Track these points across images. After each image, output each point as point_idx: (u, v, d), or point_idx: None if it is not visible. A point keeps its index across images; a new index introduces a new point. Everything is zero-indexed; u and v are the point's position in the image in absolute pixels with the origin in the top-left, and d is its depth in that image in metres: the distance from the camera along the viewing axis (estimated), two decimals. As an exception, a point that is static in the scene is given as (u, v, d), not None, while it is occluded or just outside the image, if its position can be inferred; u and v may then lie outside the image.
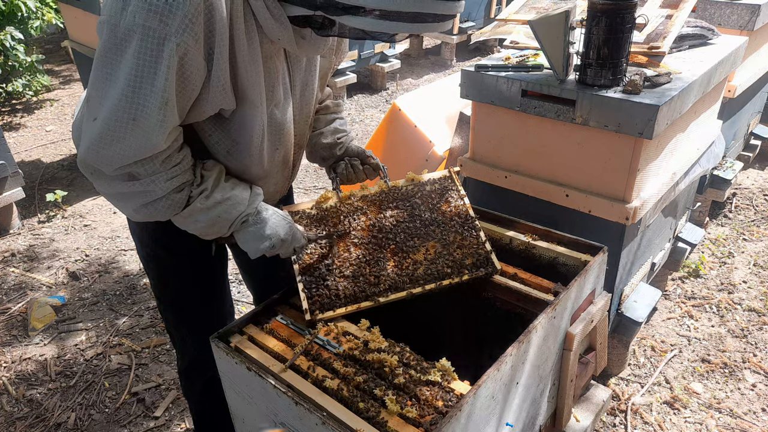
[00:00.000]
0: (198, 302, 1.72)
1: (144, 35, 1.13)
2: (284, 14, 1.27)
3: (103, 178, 1.30)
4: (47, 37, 8.00)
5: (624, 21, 1.86)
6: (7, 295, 3.34)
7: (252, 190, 1.48)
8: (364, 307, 1.55)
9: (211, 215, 1.39)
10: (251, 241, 1.47)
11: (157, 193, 1.31)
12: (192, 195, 1.36)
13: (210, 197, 1.38)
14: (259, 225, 1.46)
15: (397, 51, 6.39)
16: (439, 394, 1.27)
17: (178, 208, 1.36)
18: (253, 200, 1.46)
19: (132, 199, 1.33)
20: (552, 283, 1.64)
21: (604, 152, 2.02)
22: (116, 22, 1.14)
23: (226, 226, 1.43)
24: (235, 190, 1.43)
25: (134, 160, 1.25)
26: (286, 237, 1.49)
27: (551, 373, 1.65)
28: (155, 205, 1.33)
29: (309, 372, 1.35)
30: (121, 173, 1.27)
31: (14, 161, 3.80)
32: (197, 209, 1.37)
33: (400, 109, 3.34)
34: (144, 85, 1.17)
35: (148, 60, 1.15)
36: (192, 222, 1.40)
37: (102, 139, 1.22)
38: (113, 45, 1.16)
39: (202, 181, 1.38)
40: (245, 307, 3.12)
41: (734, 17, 2.96)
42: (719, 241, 3.57)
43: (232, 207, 1.41)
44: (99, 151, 1.23)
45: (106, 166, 1.26)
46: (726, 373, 2.66)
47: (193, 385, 1.88)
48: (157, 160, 1.28)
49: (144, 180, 1.29)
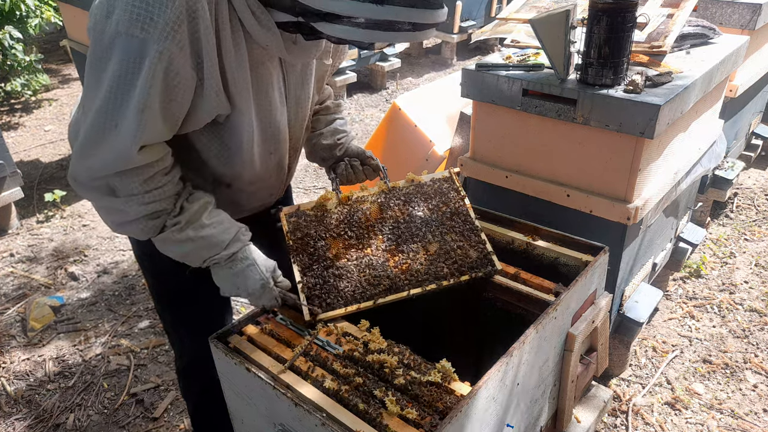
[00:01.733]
0: (196, 302, 1.71)
1: (126, 43, 1.13)
2: (271, 20, 1.27)
3: (85, 188, 1.29)
4: (46, 36, 7.99)
5: (625, 20, 1.86)
6: (6, 296, 3.33)
7: (236, 234, 1.42)
8: (363, 308, 1.55)
9: (181, 249, 1.38)
10: (221, 281, 1.46)
11: (131, 216, 1.30)
12: (166, 225, 1.34)
13: (182, 232, 1.35)
14: (229, 270, 1.43)
15: (398, 50, 6.38)
16: (439, 395, 1.26)
17: (152, 233, 1.35)
18: (231, 246, 1.41)
19: (112, 214, 1.33)
20: (553, 284, 1.63)
21: (606, 152, 2.01)
22: (101, 30, 1.15)
23: (197, 262, 1.41)
24: (215, 230, 1.38)
25: (112, 171, 1.24)
26: (253, 293, 1.45)
27: (552, 373, 1.64)
28: (131, 225, 1.33)
29: (309, 373, 1.34)
30: (101, 185, 1.26)
31: (13, 161, 3.79)
32: (169, 240, 1.36)
33: (400, 108, 3.33)
34: (122, 93, 1.16)
35: (130, 68, 1.15)
36: (167, 250, 1.40)
37: (83, 148, 1.22)
38: (99, 53, 1.16)
39: (180, 212, 1.35)
40: (245, 308, 3.11)
41: (735, 16, 2.95)
42: (721, 241, 3.56)
43: (202, 248, 1.38)
44: (80, 160, 1.23)
45: (85, 175, 1.25)
46: (727, 373, 2.65)
47: (191, 385, 1.87)
48: (137, 179, 1.26)
49: (121, 199, 1.28)
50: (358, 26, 1.15)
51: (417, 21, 1.16)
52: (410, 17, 1.15)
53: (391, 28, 1.16)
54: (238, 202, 1.59)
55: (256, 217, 1.68)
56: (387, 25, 1.15)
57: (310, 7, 1.17)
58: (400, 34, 1.18)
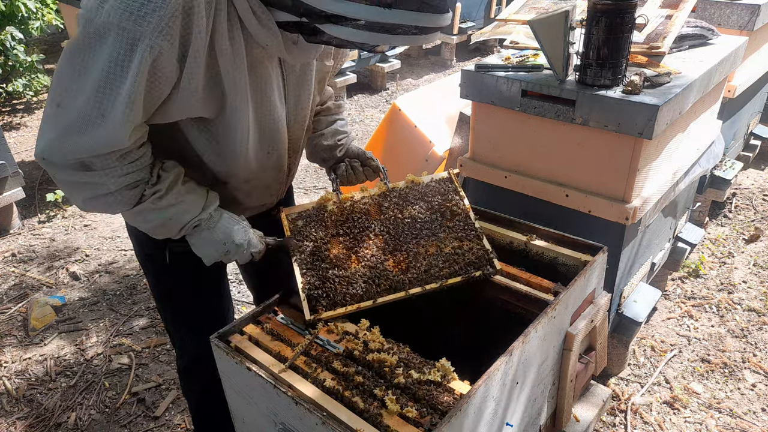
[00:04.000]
0: (197, 301, 1.72)
1: (118, 35, 1.13)
2: (272, 20, 1.26)
3: (56, 166, 1.28)
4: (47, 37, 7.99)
5: (624, 21, 1.86)
6: (7, 295, 3.34)
7: (208, 195, 1.45)
8: (364, 307, 1.55)
9: (161, 216, 1.38)
10: (204, 246, 1.46)
11: (109, 188, 1.29)
12: (145, 194, 1.34)
13: (162, 198, 1.36)
14: (211, 230, 1.44)
15: (397, 51, 6.38)
16: (439, 394, 1.27)
17: (128, 205, 1.34)
18: (208, 205, 1.44)
19: (83, 189, 1.31)
20: (552, 283, 1.64)
21: (604, 152, 2.02)
22: (92, 18, 1.14)
23: (176, 229, 1.41)
24: (190, 194, 1.41)
25: (95, 154, 1.24)
26: (240, 242, 1.47)
27: (551, 372, 1.65)
28: (105, 198, 1.31)
29: (309, 372, 1.35)
30: (75, 162, 1.26)
31: (14, 161, 3.80)
32: (148, 209, 1.36)
33: (400, 109, 3.34)
34: (114, 84, 1.16)
35: (120, 60, 1.15)
36: (141, 220, 1.39)
37: (68, 131, 1.21)
38: (88, 40, 1.16)
39: (158, 181, 1.36)
40: (245, 307, 3.12)
41: (734, 17, 2.96)
42: (719, 241, 3.57)
43: (184, 211, 1.39)
44: (62, 141, 1.22)
45: (61, 155, 1.24)
46: (726, 373, 2.66)
47: (192, 384, 1.88)
48: (114, 155, 1.26)
49: (98, 172, 1.27)
50: (363, 29, 1.16)
51: (423, 25, 1.16)
52: (417, 21, 1.15)
53: (397, 32, 1.16)
54: (236, 199, 1.60)
55: (258, 218, 1.69)
56: (393, 29, 1.15)
57: (314, 8, 1.17)
58: (406, 37, 1.18)
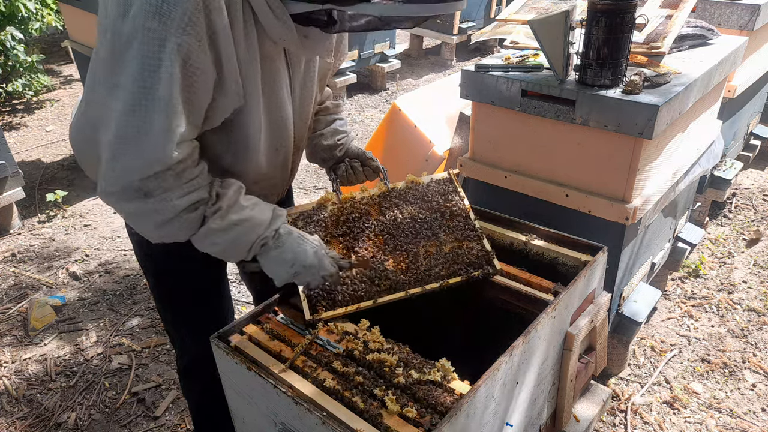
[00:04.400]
0: (197, 302, 1.72)
1: (144, 37, 1.11)
2: (286, 13, 1.24)
3: (117, 197, 1.24)
4: (47, 37, 8.00)
5: (624, 21, 1.86)
6: (7, 295, 3.34)
7: (274, 211, 1.41)
8: (364, 307, 1.55)
9: (227, 237, 1.32)
10: (274, 267, 1.40)
11: (169, 213, 1.24)
12: (206, 215, 1.30)
13: (225, 218, 1.31)
14: (279, 249, 1.39)
15: (397, 51, 6.39)
16: (439, 394, 1.27)
17: (193, 229, 1.29)
18: (273, 222, 1.39)
19: (147, 218, 1.26)
20: (552, 283, 1.64)
21: (604, 152, 2.02)
22: (118, 29, 1.12)
23: (245, 249, 1.36)
24: (254, 210, 1.36)
25: (145, 175, 1.20)
26: (311, 264, 1.41)
27: (551, 373, 1.65)
28: (171, 225, 1.26)
29: (309, 372, 1.35)
30: (133, 189, 1.21)
31: (14, 161, 3.80)
32: (212, 230, 1.31)
33: (400, 109, 3.34)
34: (147, 91, 1.13)
35: (150, 64, 1.12)
36: (209, 244, 1.34)
37: (114, 155, 1.18)
38: (115, 52, 1.13)
39: (217, 200, 1.31)
40: (245, 307, 3.12)
41: (734, 17, 2.96)
42: (719, 241, 3.57)
43: (249, 229, 1.34)
44: (112, 167, 1.19)
45: (118, 182, 1.21)
46: (726, 373, 2.66)
47: (192, 384, 1.88)
48: (170, 174, 1.22)
49: (156, 198, 1.22)
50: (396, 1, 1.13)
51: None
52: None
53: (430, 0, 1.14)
54: None
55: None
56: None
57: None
58: (439, 6, 1.16)
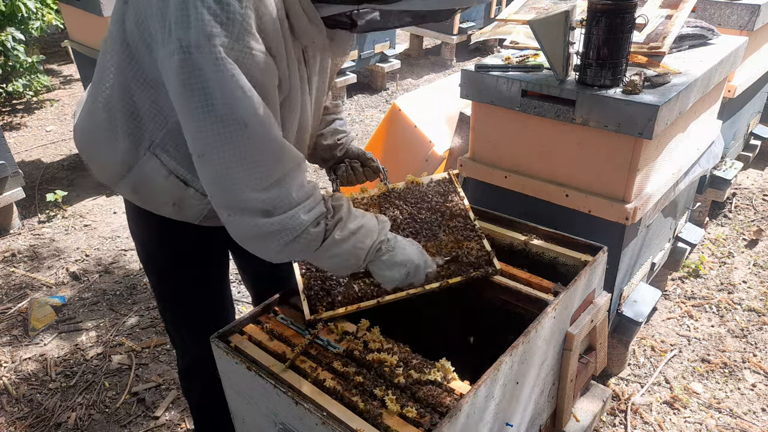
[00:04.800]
0: (199, 302, 1.72)
1: (212, 48, 1.07)
2: (318, 16, 1.24)
3: (241, 212, 1.22)
4: (47, 37, 7.99)
5: (624, 21, 1.86)
6: (7, 295, 3.34)
7: (378, 218, 1.44)
8: (364, 307, 1.55)
9: (347, 247, 1.34)
10: (386, 270, 1.44)
11: (296, 230, 1.24)
12: (328, 227, 1.31)
13: (345, 228, 1.33)
14: (391, 252, 1.43)
15: (397, 51, 6.39)
16: (439, 394, 1.27)
17: (316, 243, 1.30)
18: (382, 227, 1.42)
19: (272, 238, 1.25)
20: (552, 283, 1.64)
21: (604, 152, 2.02)
22: (186, 44, 1.07)
23: (362, 257, 1.38)
24: (365, 219, 1.39)
25: (283, 172, 1.20)
26: (419, 262, 1.47)
27: (551, 373, 1.65)
28: (296, 243, 1.26)
29: (309, 372, 1.35)
30: (256, 207, 1.20)
31: (14, 161, 3.80)
32: (335, 242, 1.31)
33: (400, 109, 3.34)
34: (234, 97, 1.11)
35: (226, 74, 1.09)
36: (330, 256, 1.34)
37: (228, 173, 1.16)
38: (189, 71, 1.09)
39: (335, 212, 1.33)
40: (245, 307, 3.12)
41: (734, 17, 2.96)
42: (719, 241, 3.57)
43: (365, 236, 1.37)
44: (230, 187, 1.17)
45: (236, 202, 1.19)
46: (726, 373, 2.66)
47: (193, 385, 1.88)
48: (294, 185, 1.23)
49: (280, 216, 1.22)
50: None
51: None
52: None
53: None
54: None
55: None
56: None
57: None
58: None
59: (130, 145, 1.36)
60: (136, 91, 1.30)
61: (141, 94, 1.30)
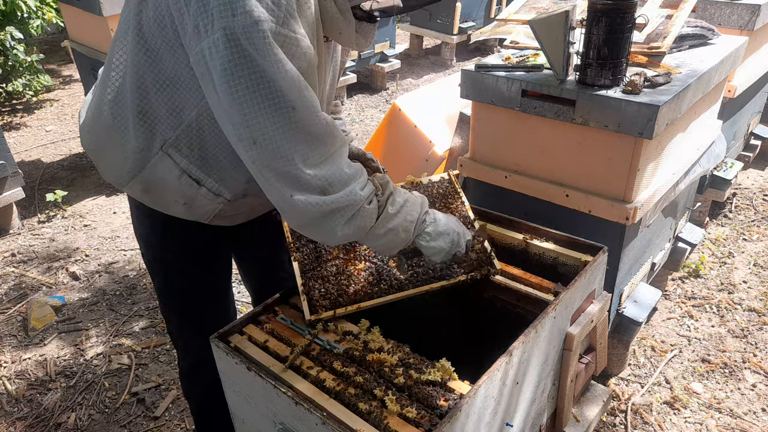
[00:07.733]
0: (202, 304, 1.72)
1: (259, 31, 1.08)
2: (348, 7, 1.25)
3: (299, 195, 1.22)
4: (47, 37, 8.00)
5: (624, 21, 1.86)
6: (7, 295, 3.34)
7: (414, 192, 1.49)
8: (364, 307, 1.55)
9: (398, 221, 1.37)
10: (432, 242, 1.47)
11: (355, 206, 1.27)
12: (380, 203, 1.34)
13: (395, 202, 1.37)
14: (435, 224, 1.47)
15: (397, 51, 6.38)
16: (439, 394, 1.27)
17: (372, 220, 1.32)
18: (423, 201, 1.47)
19: (333, 216, 1.26)
20: (552, 283, 1.64)
21: (604, 152, 2.02)
22: (231, 31, 1.07)
23: (411, 230, 1.41)
24: (407, 194, 1.44)
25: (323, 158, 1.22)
26: (459, 230, 1.52)
27: (551, 373, 1.65)
28: (355, 219, 1.29)
29: (309, 372, 1.35)
30: (314, 184, 1.22)
31: (14, 161, 3.80)
32: (388, 216, 1.35)
33: (400, 109, 3.34)
34: (283, 81, 1.12)
35: (275, 59, 1.10)
36: (383, 233, 1.37)
37: (283, 155, 1.18)
38: (235, 59, 1.09)
39: (383, 189, 1.37)
40: (245, 307, 3.12)
41: (734, 17, 2.96)
42: (719, 241, 3.57)
43: (411, 209, 1.41)
44: (284, 169, 1.19)
45: (297, 180, 1.20)
46: (726, 373, 2.66)
47: (194, 386, 1.88)
48: (342, 165, 1.25)
49: (338, 194, 1.25)
50: None
51: None
52: None
53: None
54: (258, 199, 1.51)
55: (259, 218, 1.69)
56: None
57: None
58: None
59: (141, 144, 1.35)
60: (152, 90, 1.29)
61: (157, 94, 1.29)
